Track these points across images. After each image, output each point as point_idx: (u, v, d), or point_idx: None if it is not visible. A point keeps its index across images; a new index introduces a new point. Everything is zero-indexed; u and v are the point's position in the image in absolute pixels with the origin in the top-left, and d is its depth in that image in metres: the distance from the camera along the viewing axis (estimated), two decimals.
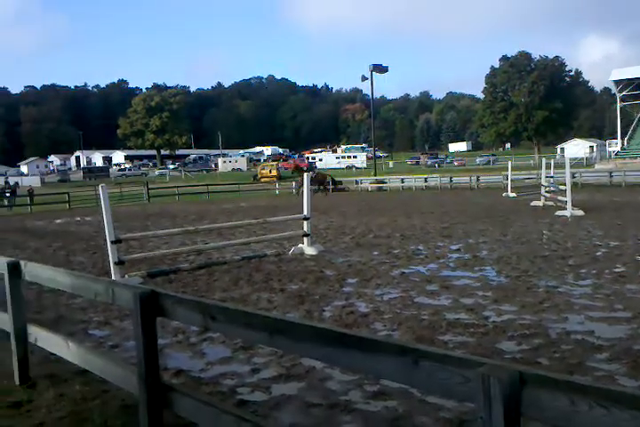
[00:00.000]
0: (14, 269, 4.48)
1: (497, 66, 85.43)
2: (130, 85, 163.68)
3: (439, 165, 73.51)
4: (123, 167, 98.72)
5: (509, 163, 28.04)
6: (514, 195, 25.32)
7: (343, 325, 5.62)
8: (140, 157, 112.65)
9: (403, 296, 6.91)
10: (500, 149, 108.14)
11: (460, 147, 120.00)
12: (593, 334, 5.12)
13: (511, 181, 27.07)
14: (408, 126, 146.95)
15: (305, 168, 28.55)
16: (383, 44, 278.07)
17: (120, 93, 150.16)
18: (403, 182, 41.06)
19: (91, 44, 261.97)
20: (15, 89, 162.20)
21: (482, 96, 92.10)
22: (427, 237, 12.54)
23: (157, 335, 3.23)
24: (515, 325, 5.51)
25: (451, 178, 39.76)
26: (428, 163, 78.06)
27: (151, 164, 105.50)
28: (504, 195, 26.09)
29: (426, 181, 40.22)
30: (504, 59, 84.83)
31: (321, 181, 29.60)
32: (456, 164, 75.49)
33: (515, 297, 6.62)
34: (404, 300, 6.72)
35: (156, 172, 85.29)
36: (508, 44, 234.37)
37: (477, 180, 37.72)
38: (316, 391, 4.10)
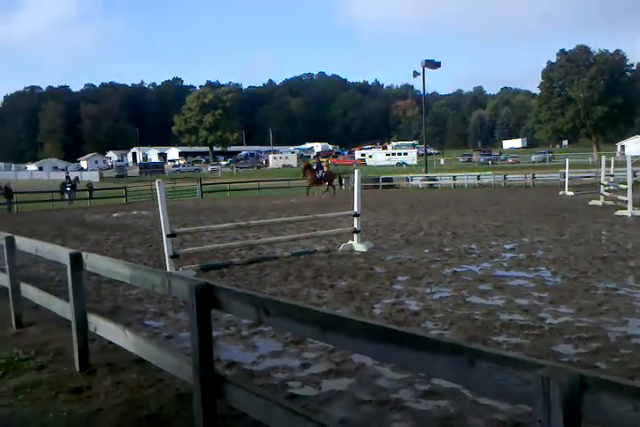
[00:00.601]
0: (76, 261, 4.66)
1: (554, 60, 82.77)
2: (184, 83, 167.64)
3: (492, 163, 71.97)
4: (177, 163, 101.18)
5: (567, 160, 27.14)
6: (571, 193, 24.55)
7: (393, 322, 5.58)
8: (194, 154, 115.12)
9: (454, 295, 6.81)
10: (557, 147, 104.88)
11: (514, 144, 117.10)
12: None
13: (568, 179, 26.24)
14: (460, 123, 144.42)
15: (315, 166, 28.32)
16: (436, 38, 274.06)
17: (175, 91, 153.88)
18: (454, 180, 40.38)
19: (148, 43, 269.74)
20: (76, 87, 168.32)
21: (538, 91, 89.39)
22: (480, 235, 12.30)
23: (212, 327, 3.29)
24: (572, 327, 5.34)
25: (505, 175, 38.86)
26: (481, 160, 76.56)
27: (204, 160, 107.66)
28: (561, 193, 25.32)
29: (479, 178, 39.46)
30: (562, 53, 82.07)
31: (331, 179, 29.45)
32: (510, 161, 73.75)
33: (572, 299, 6.42)
34: (455, 299, 6.62)
35: (209, 168, 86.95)
36: (565, 37, 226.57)
37: (533, 177, 36.73)
38: (366, 388, 4.09)
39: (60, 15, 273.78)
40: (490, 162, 72.68)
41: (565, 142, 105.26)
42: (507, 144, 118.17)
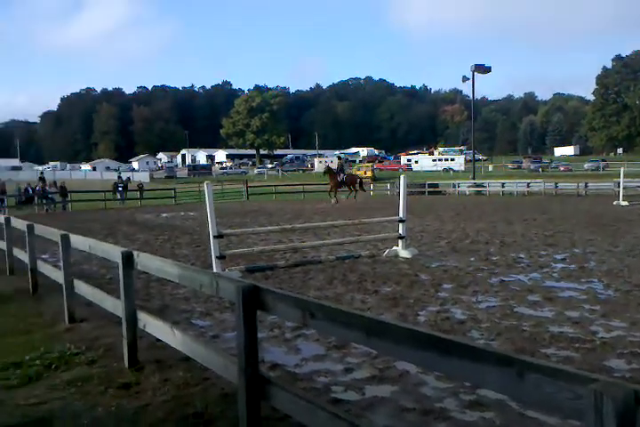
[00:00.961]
0: (128, 259, 4.80)
1: (609, 66, 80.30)
2: (233, 87, 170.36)
3: (543, 170, 70.12)
4: (224, 166, 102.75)
5: (621, 169, 26.24)
6: (626, 203, 23.72)
7: (438, 331, 5.51)
8: (241, 156, 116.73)
9: (502, 305, 6.67)
10: (611, 155, 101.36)
11: (566, 151, 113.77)
12: None
13: (623, 188, 25.37)
14: (510, 128, 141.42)
15: (336, 170, 27.78)
16: (486, 42, 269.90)
17: (224, 95, 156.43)
18: (503, 187, 39.56)
19: (199, 47, 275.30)
20: (129, 89, 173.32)
21: (592, 98, 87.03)
22: (529, 244, 12.02)
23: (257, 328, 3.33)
24: (625, 342, 5.15)
25: (556, 184, 37.84)
26: (531, 167, 74.68)
27: (250, 162, 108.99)
28: (615, 203, 24.49)
29: (528, 186, 38.53)
30: (617, 58, 79.65)
31: (352, 183, 28.98)
32: (561, 168, 71.69)
33: (625, 313, 6.20)
34: (503, 309, 6.49)
35: (255, 170, 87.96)
36: (621, 42, 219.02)
37: (585, 186, 35.64)
38: (410, 396, 4.06)
39: (115, 19, 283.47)
40: (540, 169, 70.83)
41: (620, 150, 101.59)
42: (558, 151, 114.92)
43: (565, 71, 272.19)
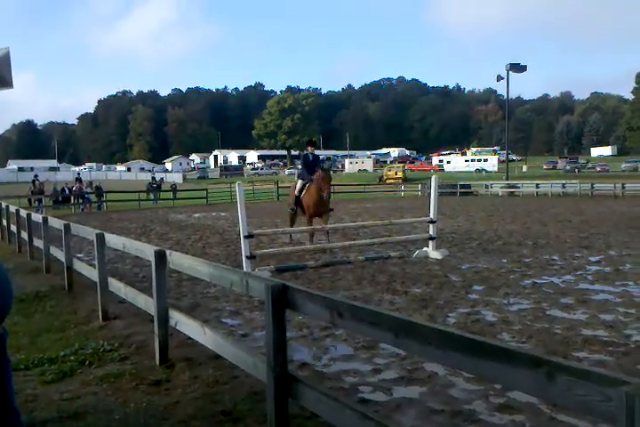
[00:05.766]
0: (161, 258, 4.88)
1: None
2: (265, 88, 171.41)
3: (579, 171, 68.73)
4: (255, 166, 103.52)
5: None
6: None
7: (468, 333, 5.45)
8: (272, 157, 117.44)
9: (534, 308, 6.56)
10: None
11: (603, 151, 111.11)
12: None
13: None
14: (546, 128, 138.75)
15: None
16: (522, 41, 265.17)
17: (256, 96, 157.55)
18: (537, 188, 38.88)
19: (232, 49, 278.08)
20: (163, 92, 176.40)
21: (631, 96, 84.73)
22: (562, 246, 11.79)
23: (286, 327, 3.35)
24: None
25: (592, 184, 37.02)
26: (567, 168, 73.25)
27: (281, 163, 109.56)
28: None
29: (563, 187, 37.82)
30: None
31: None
32: (598, 169, 70.13)
33: None
34: (535, 311, 6.38)
35: (286, 171, 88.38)
36: None
37: (622, 187, 34.77)
38: (438, 397, 4.03)
39: (154, 23, 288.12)
40: (576, 170, 69.45)
41: None
42: (595, 151, 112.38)
43: (603, 70, 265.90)
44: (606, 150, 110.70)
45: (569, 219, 18.40)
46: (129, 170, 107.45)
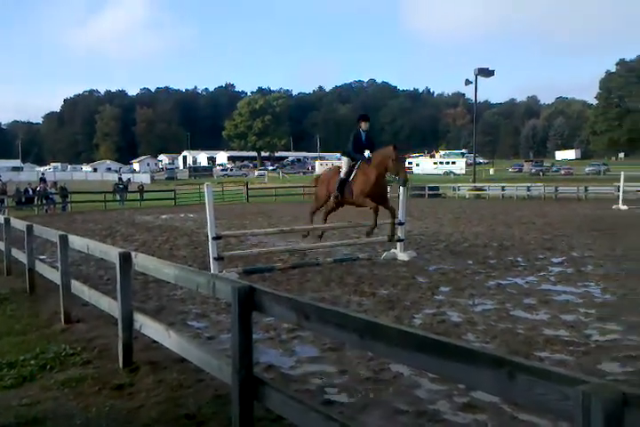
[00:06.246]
0: (126, 260, 4.81)
1: (613, 70, 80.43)
2: (236, 89, 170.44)
3: (544, 174, 70.13)
4: (225, 167, 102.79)
5: (622, 173, 26.26)
6: (625, 207, 23.71)
7: (433, 333, 5.50)
8: (242, 158, 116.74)
9: (498, 308, 6.68)
10: (613, 159, 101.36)
11: (567, 155, 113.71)
12: None
13: (623, 192, 25.37)
14: (512, 132, 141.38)
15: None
16: (490, 47, 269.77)
17: (227, 97, 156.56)
18: (503, 190, 39.55)
19: (203, 49, 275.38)
20: (132, 91, 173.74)
21: (595, 102, 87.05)
22: (527, 248, 12.02)
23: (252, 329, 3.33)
24: (619, 345, 5.16)
25: (556, 187, 37.83)
26: (532, 171, 74.70)
27: (251, 165, 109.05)
28: (614, 207, 24.48)
29: (528, 189, 38.52)
30: (622, 63, 79.75)
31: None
32: (562, 172, 71.66)
33: (620, 316, 6.20)
34: (499, 312, 6.49)
35: (256, 173, 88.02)
36: (625, 47, 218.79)
37: (585, 190, 35.63)
38: (404, 398, 4.06)
39: (123, 22, 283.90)
40: (541, 173, 70.87)
41: (622, 155, 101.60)
42: (559, 155, 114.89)
43: (569, 76, 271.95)
44: (570, 154, 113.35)
45: (533, 221, 18.77)
46: (95, 170, 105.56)
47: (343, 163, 10.38)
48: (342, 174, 10.26)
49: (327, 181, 10.92)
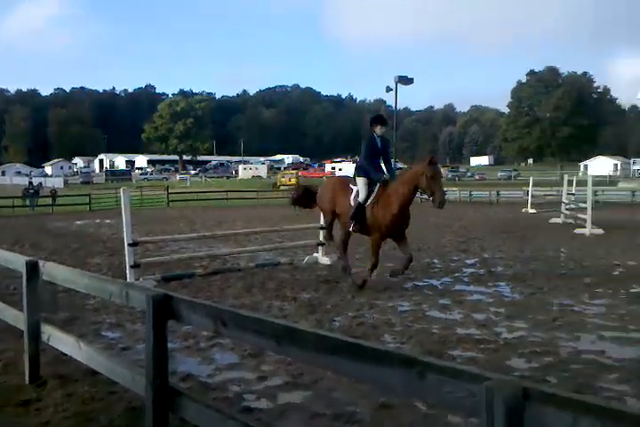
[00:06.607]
0: (33, 269, 4.57)
1: (524, 80, 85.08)
2: (157, 91, 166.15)
3: (459, 179, 73.05)
4: (145, 171, 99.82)
5: (531, 178, 27.83)
6: (533, 211, 25.09)
7: (352, 336, 5.59)
8: (163, 162, 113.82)
9: (414, 309, 6.89)
10: (523, 165, 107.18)
11: (481, 161, 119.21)
12: (604, 354, 5.06)
13: (532, 196, 26.85)
14: (431, 139, 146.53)
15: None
16: (410, 55, 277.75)
17: (147, 98, 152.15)
18: (421, 195, 40.81)
19: (121, 49, 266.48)
20: (45, 91, 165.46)
21: (507, 110, 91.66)
22: (442, 250, 12.47)
23: (167, 339, 3.25)
24: (526, 342, 5.45)
25: (470, 192, 39.50)
26: (449, 176, 77.59)
27: (173, 168, 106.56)
28: (523, 211, 25.85)
29: (445, 194, 40.00)
30: (531, 73, 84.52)
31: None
32: (477, 177, 74.97)
33: (527, 314, 6.56)
34: (415, 313, 6.70)
35: (178, 177, 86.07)
36: (536, 58, 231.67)
37: (497, 194, 37.44)
38: (322, 401, 4.09)
39: (32, 18, 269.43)
40: (457, 178, 73.78)
41: (531, 161, 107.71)
42: (474, 161, 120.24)
43: (483, 85, 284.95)
44: (484, 160, 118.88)
45: (449, 224, 19.50)
46: (3, 173, 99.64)
47: (359, 184, 8.11)
48: (360, 198, 8.01)
49: (332, 191, 8.78)
